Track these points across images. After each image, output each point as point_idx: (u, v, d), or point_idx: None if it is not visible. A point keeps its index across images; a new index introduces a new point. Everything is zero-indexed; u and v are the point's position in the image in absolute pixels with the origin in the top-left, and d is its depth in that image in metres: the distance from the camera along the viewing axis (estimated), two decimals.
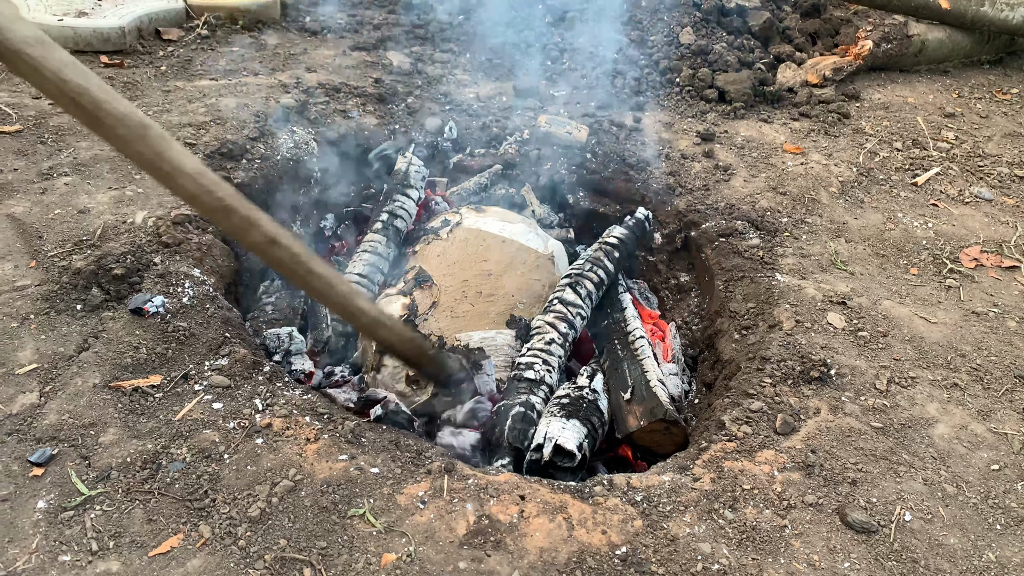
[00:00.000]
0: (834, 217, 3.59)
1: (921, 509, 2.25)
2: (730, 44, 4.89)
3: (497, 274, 3.26)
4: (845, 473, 2.33)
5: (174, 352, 2.53)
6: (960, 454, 2.45)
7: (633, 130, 4.17)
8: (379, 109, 4.14)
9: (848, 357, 2.78)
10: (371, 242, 3.47)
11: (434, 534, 2.06)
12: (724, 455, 2.39)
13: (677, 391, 3.06)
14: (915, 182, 3.94)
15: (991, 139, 4.43)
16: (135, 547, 1.97)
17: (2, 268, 2.75)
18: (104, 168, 3.32)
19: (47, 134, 3.51)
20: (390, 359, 2.99)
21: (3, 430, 2.23)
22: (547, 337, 3.02)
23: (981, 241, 3.53)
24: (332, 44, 4.86)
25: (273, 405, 2.40)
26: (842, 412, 2.55)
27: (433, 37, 5.09)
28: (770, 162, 3.98)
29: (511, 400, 2.79)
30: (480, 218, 3.52)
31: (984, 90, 5.01)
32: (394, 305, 3.15)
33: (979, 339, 2.94)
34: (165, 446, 2.23)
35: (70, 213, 3.03)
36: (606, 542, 2.08)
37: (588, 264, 3.32)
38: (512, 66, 4.78)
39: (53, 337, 2.53)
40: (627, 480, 2.30)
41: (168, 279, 2.78)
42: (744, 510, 2.20)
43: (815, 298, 3.05)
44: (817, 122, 4.40)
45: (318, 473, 2.19)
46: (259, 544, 2.00)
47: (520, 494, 2.20)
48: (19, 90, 3.85)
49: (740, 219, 3.52)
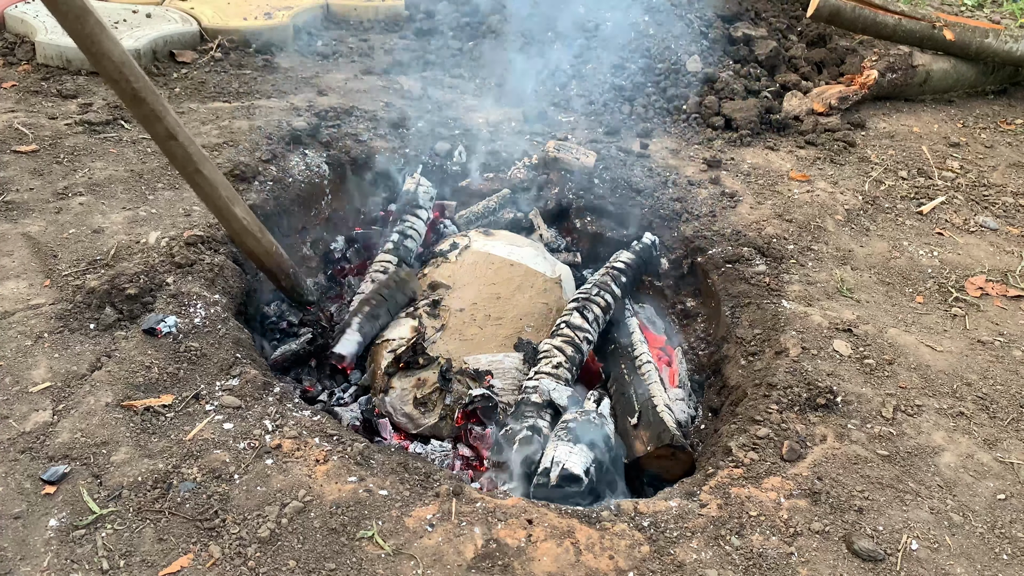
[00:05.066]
0: (840, 245, 3.62)
1: (928, 538, 2.26)
2: (737, 72, 4.95)
3: (505, 297, 3.29)
4: (851, 501, 2.34)
5: (185, 372, 2.56)
6: (966, 483, 2.46)
7: (640, 156, 4.22)
8: (390, 133, 4.19)
9: (854, 384, 2.79)
10: (382, 262, 3.50)
11: (442, 557, 2.07)
12: (731, 481, 2.40)
13: (683, 416, 3.07)
14: (920, 211, 3.97)
15: (996, 169, 4.46)
16: (146, 566, 1.98)
17: (17, 286, 2.79)
18: (118, 188, 3.37)
19: (63, 154, 3.56)
20: (398, 381, 3.02)
21: (16, 448, 2.25)
22: (554, 361, 3.04)
23: (986, 270, 3.55)
24: (344, 68, 4.93)
25: (283, 426, 2.42)
26: (848, 439, 2.56)
27: (443, 62, 5.15)
28: (776, 189, 4.02)
29: (518, 424, 2.81)
30: (488, 241, 3.55)
31: (989, 120, 5.05)
32: (403, 327, 3.18)
33: (985, 368, 2.96)
34: (176, 466, 2.24)
35: (84, 233, 3.07)
36: (613, 567, 2.08)
37: (595, 288, 3.35)
38: (521, 92, 4.84)
39: (66, 356, 2.55)
40: (634, 505, 2.31)
41: (180, 299, 2.81)
42: (751, 536, 2.21)
43: (821, 325, 3.07)
44: (823, 150, 4.44)
45: (327, 494, 2.20)
46: (268, 565, 2.01)
47: (528, 518, 2.21)
48: (35, 111, 3.91)
49: (746, 246, 3.54)
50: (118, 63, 2.35)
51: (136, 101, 2.42)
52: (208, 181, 2.66)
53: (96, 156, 3.58)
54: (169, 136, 2.52)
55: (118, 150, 3.66)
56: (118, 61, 2.35)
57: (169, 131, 2.51)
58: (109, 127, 3.85)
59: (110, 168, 3.50)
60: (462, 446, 2.95)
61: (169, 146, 2.54)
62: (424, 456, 2.83)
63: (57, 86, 4.18)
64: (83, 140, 3.69)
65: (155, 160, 3.60)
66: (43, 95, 4.10)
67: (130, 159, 3.59)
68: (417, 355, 3.02)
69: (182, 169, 2.62)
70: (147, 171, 3.51)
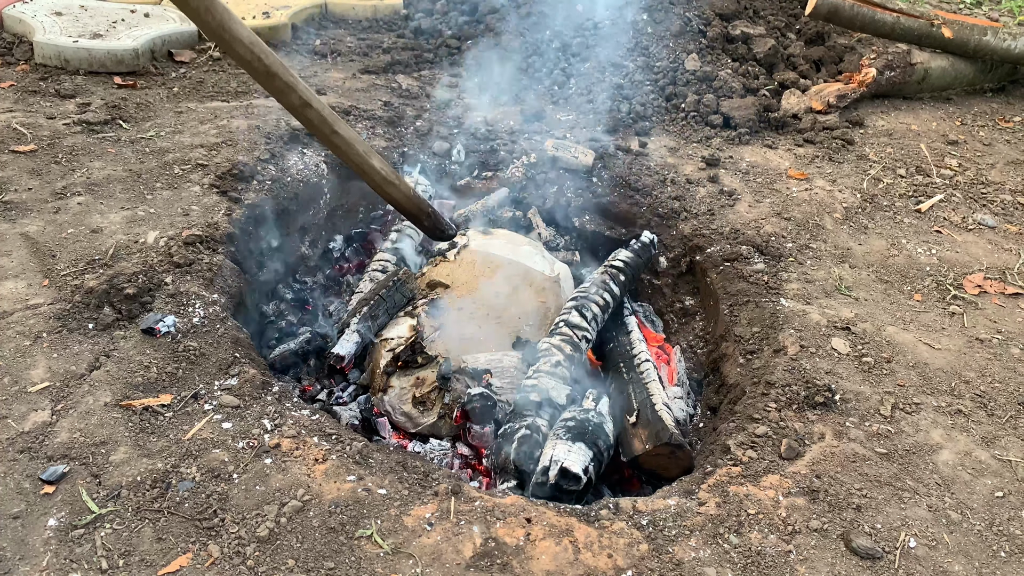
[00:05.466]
0: (838, 243, 3.62)
1: (926, 536, 2.26)
2: (735, 71, 4.95)
3: (504, 296, 3.29)
4: (850, 499, 2.34)
5: (184, 372, 2.56)
6: (964, 481, 2.46)
7: (639, 155, 4.22)
8: (388, 132, 4.19)
9: (852, 383, 2.80)
10: (380, 261, 3.50)
11: (441, 556, 2.07)
12: (729, 479, 2.41)
13: (682, 415, 3.07)
14: (918, 209, 3.97)
15: (994, 166, 4.47)
16: (145, 566, 1.98)
17: (15, 286, 2.79)
18: (117, 188, 3.37)
19: (61, 154, 3.56)
20: (397, 380, 3.02)
21: (15, 448, 2.25)
22: (553, 359, 3.04)
23: (984, 268, 3.56)
24: (342, 67, 4.93)
25: (282, 425, 2.42)
26: (847, 438, 2.56)
27: (442, 61, 5.15)
28: (775, 188, 4.02)
29: (517, 422, 2.81)
30: (487, 240, 3.55)
31: (987, 118, 5.06)
32: (401, 326, 3.18)
33: (983, 366, 2.96)
34: (175, 465, 2.25)
35: (83, 232, 3.07)
36: (612, 566, 2.09)
37: (594, 287, 3.35)
38: (520, 91, 4.84)
39: (65, 356, 2.55)
40: (633, 504, 2.31)
41: (179, 299, 2.81)
42: (749, 535, 2.21)
43: (819, 323, 3.07)
44: (821, 148, 4.44)
45: (326, 494, 2.21)
46: (267, 564, 2.01)
47: (526, 517, 2.21)
48: (33, 110, 3.91)
49: (745, 244, 3.55)
50: (248, 45, 2.44)
51: (269, 76, 2.52)
52: (345, 140, 2.76)
53: (94, 156, 3.58)
54: (304, 104, 2.61)
55: (116, 150, 3.66)
56: (248, 43, 2.44)
57: (303, 99, 2.60)
58: (107, 127, 3.84)
59: (108, 168, 3.50)
60: (461, 445, 2.96)
61: (305, 113, 2.64)
62: (423, 455, 2.83)
63: (55, 86, 4.17)
64: (81, 140, 3.69)
65: (153, 160, 3.60)
66: (41, 95, 4.10)
67: (128, 159, 3.59)
68: (416, 354, 3.02)
69: (319, 132, 2.73)
70: (145, 171, 3.51)
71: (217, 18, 2.37)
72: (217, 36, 2.41)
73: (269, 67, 2.50)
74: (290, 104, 2.61)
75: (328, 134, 2.72)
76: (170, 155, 3.64)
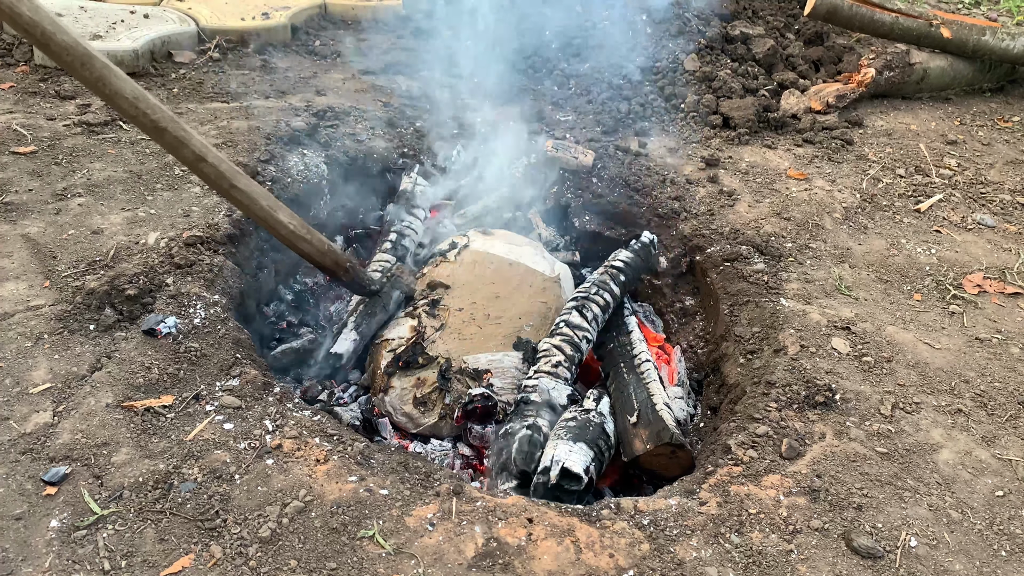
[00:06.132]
0: (838, 243, 3.63)
1: (927, 535, 2.27)
2: (734, 71, 4.96)
3: (504, 296, 3.30)
4: (851, 498, 2.35)
5: (186, 373, 2.56)
6: (965, 480, 2.47)
7: (638, 155, 4.22)
8: (388, 132, 4.20)
9: (853, 382, 2.80)
10: (380, 261, 3.51)
11: (443, 556, 2.08)
12: (730, 479, 2.41)
13: (683, 414, 3.08)
14: (918, 208, 3.98)
15: (993, 166, 4.47)
16: (147, 567, 1.99)
17: (16, 288, 2.79)
18: (117, 189, 3.37)
19: (61, 155, 3.56)
20: (398, 380, 3.02)
21: (17, 449, 2.25)
22: (553, 360, 3.04)
23: (984, 268, 3.56)
24: (342, 68, 4.93)
25: (283, 426, 2.43)
26: (847, 437, 2.57)
27: (441, 62, 5.15)
28: (774, 188, 4.02)
29: (518, 423, 2.81)
30: (487, 241, 3.55)
31: (986, 118, 5.06)
32: (402, 327, 3.18)
33: (983, 365, 2.97)
34: (177, 466, 2.25)
35: (84, 234, 3.07)
36: (613, 565, 2.09)
37: (594, 287, 3.35)
38: (519, 91, 4.84)
39: (66, 357, 2.55)
40: (634, 503, 2.31)
41: (180, 300, 2.81)
42: (750, 534, 2.21)
43: (820, 323, 3.08)
44: (821, 148, 4.45)
45: (328, 494, 2.21)
46: (269, 565, 2.01)
47: (528, 517, 2.21)
48: (33, 112, 3.91)
49: (745, 244, 3.55)
50: (132, 99, 2.37)
51: (158, 131, 2.45)
52: (245, 194, 2.65)
53: (95, 157, 3.58)
54: (198, 159, 2.53)
55: (117, 151, 3.66)
56: (131, 97, 2.37)
57: (197, 154, 2.52)
58: (107, 128, 3.84)
59: (109, 169, 3.50)
60: (462, 445, 2.96)
61: (200, 168, 2.56)
62: (424, 455, 2.84)
63: (55, 87, 4.17)
64: (81, 141, 3.69)
65: (154, 161, 3.60)
66: (41, 96, 4.10)
67: (129, 160, 3.60)
68: (417, 354, 3.03)
69: (217, 187, 2.64)
70: (146, 172, 3.51)
71: (96, 74, 2.30)
72: (98, 91, 2.35)
73: (156, 122, 2.43)
74: (184, 158, 2.53)
75: (227, 188, 2.62)
76: (170, 156, 3.63)
